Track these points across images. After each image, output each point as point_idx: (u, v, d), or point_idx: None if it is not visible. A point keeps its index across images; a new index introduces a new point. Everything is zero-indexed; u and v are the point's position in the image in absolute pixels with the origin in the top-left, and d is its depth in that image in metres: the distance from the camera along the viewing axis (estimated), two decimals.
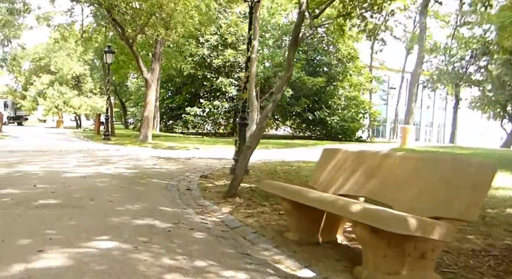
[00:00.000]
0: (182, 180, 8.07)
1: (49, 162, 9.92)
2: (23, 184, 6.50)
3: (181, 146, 16.50)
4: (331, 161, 4.43)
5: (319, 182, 4.43)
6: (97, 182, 7.03)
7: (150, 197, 6.03)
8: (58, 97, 37.28)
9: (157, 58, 17.07)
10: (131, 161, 10.93)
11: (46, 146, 15.35)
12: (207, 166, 10.59)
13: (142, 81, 32.97)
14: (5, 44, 18.72)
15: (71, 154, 12.17)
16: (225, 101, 26.77)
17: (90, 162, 10.16)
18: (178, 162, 11.00)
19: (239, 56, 26.60)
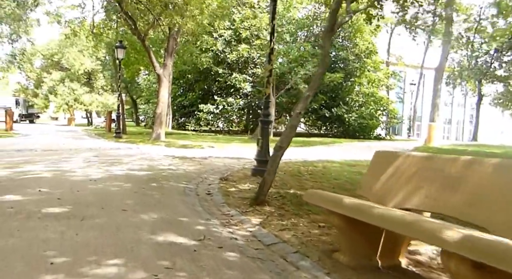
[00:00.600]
0: (200, 182, 7.39)
1: (57, 162, 9.31)
2: (27, 188, 5.86)
3: (195, 144, 15.83)
4: (388, 166, 3.69)
5: (372, 192, 3.70)
6: (108, 186, 6.36)
7: (168, 204, 5.34)
8: (69, 94, 36.92)
9: (170, 53, 16.41)
10: (144, 160, 10.28)
11: (56, 144, 14.80)
12: (225, 166, 9.91)
13: (154, 78, 32.46)
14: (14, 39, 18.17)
15: (81, 153, 11.56)
16: (239, 98, 26.04)
17: (100, 162, 9.53)
18: (194, 162, 10.32)
19: (253, 51, 25.87)
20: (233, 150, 14.61)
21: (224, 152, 13.68)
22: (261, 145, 8.33)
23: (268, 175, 5.39)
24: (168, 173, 8.29)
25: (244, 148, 15.25)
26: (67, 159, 9.89)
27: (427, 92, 43.61)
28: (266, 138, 8.40)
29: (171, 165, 9.55)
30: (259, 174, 8.09)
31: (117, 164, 9.29)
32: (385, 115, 27.92)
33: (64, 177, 7.05)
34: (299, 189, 6.61)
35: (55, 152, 11.80)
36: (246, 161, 11.17)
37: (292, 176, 8.60)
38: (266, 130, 8.44)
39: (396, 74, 31.28)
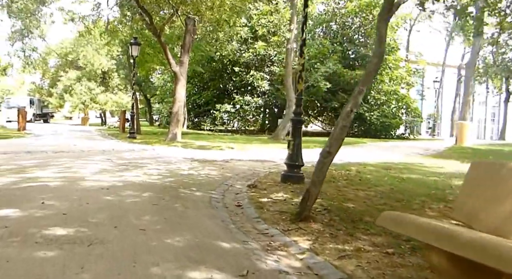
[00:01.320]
0: (226, 190, 6.51)
1: (67, 166, 8.50)
2: (29, 200, 5.03)
3: (213, 145, 14.98)
4: (491, 181, 2.73)
5: (471, 215, 2.75)
6: (123, 196, 5.51)
7: (194, 220, 4.46)
8: (86, 93, 36.42)
9: (187, 50, 15.55)
10: (162, 164, 9.43)
11: (68, 145, 14.06)
12: (250, 170, 9.01)
13: (168, 77, 31.71)
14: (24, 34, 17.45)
15: (93, 156, 10.76)
16: (257, 97, 25.09)
17: (114, 166, 8.71)
18: (216, 166, 9.45)
19: (270, 48, 24.95)
20: (254, 151, 13.72)
21: (245, 153, 12.80)
22: (292, 147, 7.42)
23: (314, 187, 4.47)
24: (189, 179, 7.42)
25: (265, 149, 14.36)
26: (78, 163, 9.08)
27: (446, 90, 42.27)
28: (298, 140, 7.49)
29: (191, 169, 8.69)
30: (290, 180, 7.22)
31: (131, 168, 8.45)
32: (408, 114, 26.74)
33: (73, 185, 6.22)
34: (343, 200, 5.68)
35: (66, 154, 11.04)
36: (270, 164, 10.31)
37: (327, 182, 7.62)
38: (298, 131, 7.52)
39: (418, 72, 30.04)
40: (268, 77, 24.99)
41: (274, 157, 11.85)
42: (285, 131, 17.62)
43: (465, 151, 15.62)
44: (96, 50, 35.56)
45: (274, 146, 15.53)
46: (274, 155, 12.48)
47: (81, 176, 7.13)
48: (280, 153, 13.40)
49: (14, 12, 16.32)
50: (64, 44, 38.69)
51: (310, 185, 4.50)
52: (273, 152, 13.43)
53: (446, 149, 16.38)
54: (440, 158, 13.45)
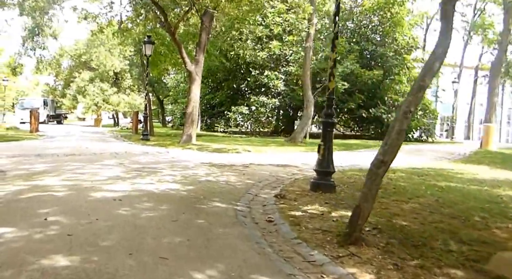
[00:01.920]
0: (252, 201, 5.77)
1: (78, 172, 7.82)
2: (31, 214, 4.33)
3: (229, 148, 14.23)
4: None
5: None
6: (137, 209, 4.78)
7: (223, 242, 3.71)
8: (98, 94, 35.94)
9: (202, 48, 14.83)
10: (178, 169, 8.70)
11: (80, 148, 13.42)
12: (273, 176, 8.25)
13: (181, 77, 31.07)
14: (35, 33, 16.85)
15: (105, 159, 10.08)
16: (272, 98, 24.25)
17: (127, 172, 8.00)
18: (235, 171, 8.70)
19: (286, 48, 24.14)
20: (273, 155, 12.97)
21: (264, 157, 12.04)
22: (323, 152, 6.64)
23: (366, 202, 3.70)
24: (209, 187, 6.67)
25: (284, 153, 13.60)
26: (89, 168, 8.39)
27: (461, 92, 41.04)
28: (329, 144, 6.71)
29: (209, 176, 7.94)
30: (321, 188, 6.46)
31: (146, 174, 7.72)
32: (425, 116, 25.71)
33: (82, 195, 5.51)
34: (389, 215, 4.91)
35: (77, 158, 10.37)
36: (293, 169, 9.54)
37: (358, 190, 6.88)
38: (329, 134, 6.73)
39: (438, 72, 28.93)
40: (284, 78, 24.18)
41: (295, 161, 11.09)
42: (303, 133, 16.84)
43: (493, 155, 14.69)
44: (108, 50, 35.06)
45: (292, 149, 14.77)
46: (294, 159, 11.72)
47: (91, 184, 6.43)
48: (300, 156, 12.64)
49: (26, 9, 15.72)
50: (77, 45, 38.29)
51: (361, 200, 3.73)
52: (292, 156, 12.66)
53: (472, 153, 15.44)
54: (469, 162, 12.57)
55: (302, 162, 11.11)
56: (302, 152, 14.09)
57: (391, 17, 24.15)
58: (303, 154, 13.65)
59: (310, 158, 12.14)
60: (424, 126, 24.82)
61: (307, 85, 17.02)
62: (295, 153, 13.66)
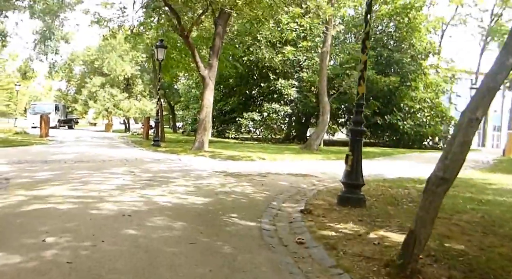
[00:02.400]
0: (276, 217, 5.15)
1: (85, 180, 7.26)
2: (28, 234, 3.75)
3: (242, 155, 13.61)
4: None
5: None
6: (149, 228, 4.18)
7: (251, 274, 3.08)
8: (109, 100, 35.60)
9: (216, 53, 14.28)
10: (191, 178, 8.10)
11: (89, 154, 12.90)
12: (293, 187, 7.63)
13: (193, 82, 30.59)
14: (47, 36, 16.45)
15: (115, 167, 9.52)
16: (285, 104, 23.62)
17: (137, 181, 7.42)
18: (252, 181, 8.08)
19: (299, 54, 23.55)
20: (289, 163, 12.33)
21: (280, 165, 11.41)
22: (351, 163, 6.00)
23: (423, 228, 3.05)
24: (226, 199, 6.07)
25: (300, 161, 12.94)
26: (97, 176, 7.82)
27: None
28: (358, 154, 6.07)
29: (225, 186, 7.33)
30: (350, 203, 5.83)
31: (157, 184, 7.13)
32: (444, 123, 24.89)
33: (88, 209, 4.93)
34: (438, 237, 4.22)
35: (86, 165, 9.83)
36: (313, 179, 8.90)
37: (391, 205, 6.24)
38: (358, 144, 6.11)
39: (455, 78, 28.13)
40: (297, 84, 23.55)
41: (313, 170, 10.45)
42: (319, 141, 16.18)
43: None
44: (120, 56, 34.75)
45: (308, 157, 14.12)
46: (312, 168, 11.08)
47: (98, 195, 5.85)
48: (318, 165, 12.00)
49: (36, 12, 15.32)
50: (90, 51, 38.07)
51: (417, 225, 3.08)
52: (309, 164, 12.02)
53: (496, 161, 14.68)
54: (498, 171, 11.85)
55: (321, 171, 10.48)
56: (319, 160, 13.47)
57: (409, 22, 23.45)
58: (320, 162, 13.02)
59: (328, 167, 11.52)
60: (441, 133, 24.00)
61: (323, 91, 16.39)
62: (312, 161, 13.02)
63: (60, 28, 17.56)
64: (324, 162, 13.00)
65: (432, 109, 24.54)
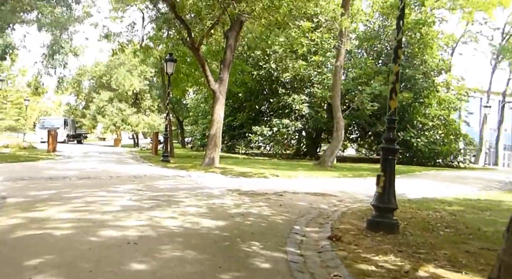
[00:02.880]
0: (302, 245, 4.50)
1: (88, 200, 6.63)
2: (13, 267, 3.12)
3: (255, 172, 12.93)
4: None
5: None
6: (158, 262, 3.52)
7: None
8: (117, 115, 35.18)
9: (227, 66, 13.76)
10: (203, 198, 7.44)
11: (96, 170, 12.30)
12: (314, 208, 6.96)
13: (202, 97, 30.11)
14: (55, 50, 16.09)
15: (121, 184, 8.90)
16: (295, 120, 22.97)
17: (145, 200, 6.78)
18: (269, 201, 7.41)
19: (310, 69, 23.00)
20: (304, 181, 11.65)
21: (295, 183, 10.74)
22: (383, 184, 5.32)
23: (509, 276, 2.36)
24: (244, 223, 5.40)
25: (315, 179, 12.24)
26: (102, 195, 7.19)
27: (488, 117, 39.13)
28: (391, 174, 5.41)
29: (240, 207, 6.66)
30: (381, 228, 5.17)
31: (166, 204, 6.49)
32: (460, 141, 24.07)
33: (88, 235, 4.29)
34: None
35: (91, 182, 9.22)
36: (333, 199, 8.21)
37: (426, 230, 5.54)
38: (391, 163, 5.45)
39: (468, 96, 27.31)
40: (307, 99, 22.94)
41: (331, 189, 9.76)
42: (333, 157, 15.48)
43: None
44: (128, 71, 34.45)
45: (322, 174, 13.41)
46: (329, 186, 10.38)
47: (101, 218, 5.22)
48: (334, 183, 11.28)
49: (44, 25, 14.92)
50: (98, 66, 37.87)
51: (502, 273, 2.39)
52: (326, 183, 11.31)
53: None
54: None
55: (339, 189, 9.78)
56: (334, 178, 12.76)
57: (421, 38, 22.88)
58: (336, 180, 12.31)
59: (346, 185, 10.81)
60: (456, 152, 23.19)
61: (337, 106, 15.75)
62: (328, 179, 12.32)
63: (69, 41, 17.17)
64: (340, 180, 12.30)
65: (446, 127, 23.76)
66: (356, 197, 8.81)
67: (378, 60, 24.43)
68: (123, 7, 18.95)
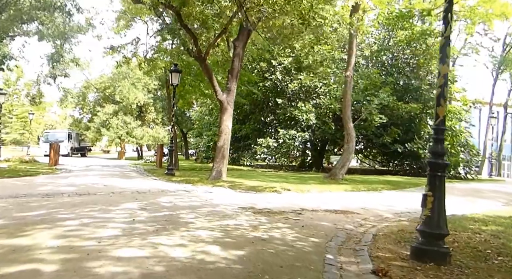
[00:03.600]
0: None
1: (84, 221, 5.70)
2: None
3: (264, 185, 11.92)
4: None
5: None
6: None
7: None
8: (122, 128, 34.29)
9: (234, 76, 12.89)
10: (214, 218, 6.48)
11: (97, 185, 11.33)
12: (339, 229, 6.05)
13: (206, 109, 29.29)
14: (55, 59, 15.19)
15: (123, 202, 7.95)
16: (302, 131, 22.01)
17: (148, 222, 5.83)
18: (288, 221, 6.46)
19: (316, 80, 22.16)
20: (318, 195, 10.67)
21: (311, 199, 9.78)
22: (431, 205, 4.38)
23: None
24: (267, 251, 4.44)
25: (330, 193, 11.24)
26: (100, 217, 6.24)
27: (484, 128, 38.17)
28: (440, 193, 4.47)
29: (258, 229, 5.71)
30: (430, 257, 4.29)
31: (174, 227, 5.55)
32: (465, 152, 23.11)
33: (79, 272, 3.34)
34: None
35: (90, 199, 8.27)
36: (356, 217, 7.29)
37: (479, 260, 4.59)
38: (440, 180, 4.51)
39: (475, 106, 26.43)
40: (314, 110, 22.04)
41: (350, 205, 8.82)
42: (344, 170, 14.53)
43: None
44: (133, 84, 33.66)
45: (335, 187, 12.38)
46: (346, 201, 9.43)
47: (98, 246, 4.28)
48: (351, 198, 10.26)
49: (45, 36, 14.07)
50: (102, 79, 37.12)
51: None
52: (342, 198, 10.35)
53: None
54: None
55: (358, 205, 8.83)
56: (348, 192, 11.76)
57: (427, 48, 22.10)
58: (352, 194, 11.30)
59: (364, 201, 9.80)
60: (464, 163, 22.22)
61: (348, 117, 14.84)
62: (342, 193, 11.34)
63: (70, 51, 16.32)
64: (356, 194, 11.31)
65: (452, 137, 22.79)
66: (379, 214, 7.87)
67: (385, 71, 23.58)
68: (127, 22, 18.13)
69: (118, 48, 17.91)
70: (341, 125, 23.67)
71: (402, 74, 23.44)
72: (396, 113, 20.89)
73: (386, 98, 19.68)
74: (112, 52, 18.43)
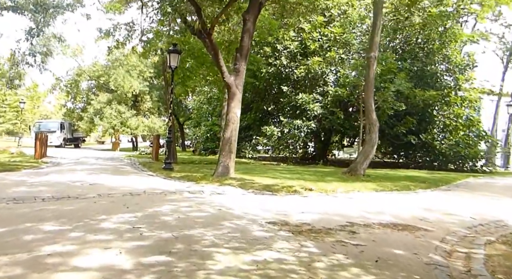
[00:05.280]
0: None
1: (47, 250, 3.53)
2: None
3: (280, 183, 9.78)
4: None
5: None
6: None
7: None
8: (115, 117, 31.82)
9: (244, 55, 10.68)
10: (241, 245, 4.35)
11: (82, 184, 9.15)
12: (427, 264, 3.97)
13: (204, 98, 27.09)
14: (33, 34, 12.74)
15: (109, 213, 5.80)
16: (307, 120, 19.86)
17: (145, 253, 3.69)
18: (346, 248, 4.40)
19: (323, 66, 19.98)
20: (351, 198, 8.55)
21: (344, 204, 7.71)
22: None
23: None
24: None
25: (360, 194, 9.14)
26: (75, 241, 4.07)
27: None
28: None
29: (315, 269, 3.59)
30: None
31: (185, 267, 3.41)
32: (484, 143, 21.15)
33: None
34: None
35: (69, 207, 6.13)
36: (429, 236, 5.22)
37: None
38: None
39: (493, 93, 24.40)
40: (320, 99, 19.89)
41: (398, 212, 6.79)
42: (366, 164, 12.44)
43: None
44: (127, 71, 31.19)
45: (360, 186, 10.21)
46: (388, 207, 7.37)
47: None
48: (392, 202, 7.97)
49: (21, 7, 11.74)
50: (96, 67, 34.53)
51: None
52: (377, 200, 8.28)
53: None
54: None
55: (411, 213, 6.76)
56: (379, 192, 9.63)
57: (444, 32, 19.98)
58: (385, 195, 9.16)
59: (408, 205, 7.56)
60: (485, 154, 20.27)
61: (370, 105, 12.68)
62: (373, 194, 9.25)
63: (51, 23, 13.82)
64: (390, 196, 9.17)
65: (469, 127, 20.78)
66: (450, 228, 5.77)
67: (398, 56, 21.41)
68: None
69: (111, 30, 15.68)
70: (348, 115, 21.66)
71: (416, 59, 21.26)
72: (411, 101, 18.80)
73: (403, 84, 17.58)
74: (105, 36, 16.19)
